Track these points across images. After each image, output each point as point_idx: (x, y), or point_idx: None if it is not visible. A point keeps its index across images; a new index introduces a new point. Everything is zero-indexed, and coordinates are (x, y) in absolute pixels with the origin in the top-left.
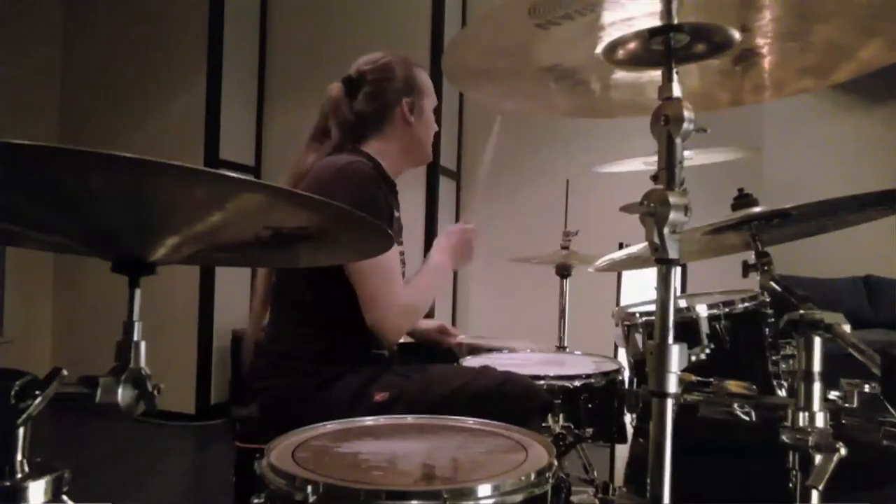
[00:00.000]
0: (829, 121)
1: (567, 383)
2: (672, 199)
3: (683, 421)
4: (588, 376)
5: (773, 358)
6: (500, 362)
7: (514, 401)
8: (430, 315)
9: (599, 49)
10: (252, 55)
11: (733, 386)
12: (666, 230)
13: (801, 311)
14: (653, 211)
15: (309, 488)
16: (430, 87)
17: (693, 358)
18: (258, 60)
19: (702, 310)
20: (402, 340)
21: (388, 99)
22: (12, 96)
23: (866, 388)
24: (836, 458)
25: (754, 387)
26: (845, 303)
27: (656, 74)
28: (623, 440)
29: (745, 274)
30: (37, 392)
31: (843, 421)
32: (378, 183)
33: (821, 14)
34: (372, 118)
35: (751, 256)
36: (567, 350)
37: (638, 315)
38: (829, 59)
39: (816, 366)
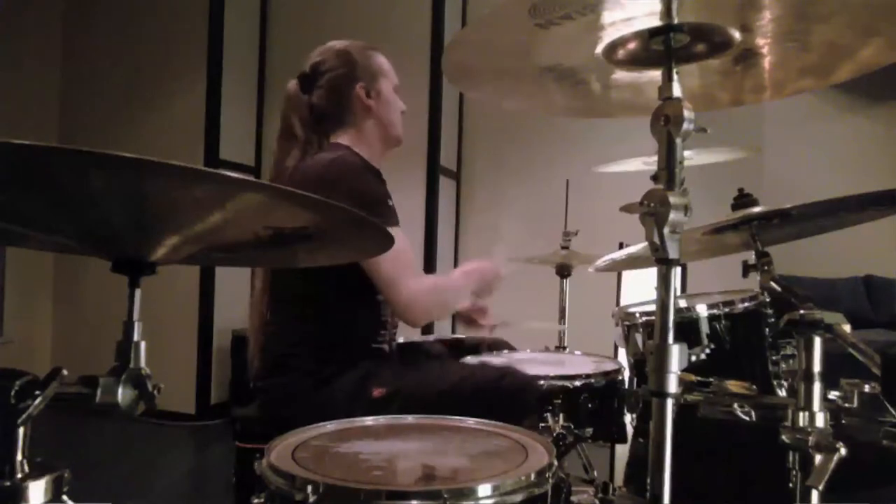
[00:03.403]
0: (829, 121)
1: (567, 383)
2: (672, 199)
3: (683, 421)
4: (588, 376)
5: (773, 358)
6: (499, 362)
7: (512, 395)
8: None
9: (599, 49)
10: (252, 55)
11: (733, 386)
12: (666, 230)
13: (801, 311)
14: (653, 211)
15: (309, 488)
16: (386, 67)
17: (693, 358)
18: (258, 60)
19: (702, 310)
20: (401, 340)
21: (342, 88)
22: (12, 96)
23: (866, 388)
24: (836, 458)
25: (754, 387)
26: (845, 303)
27: (656, 74)
28: (623, 440)
29: (745, 274)
30: (37, 392)
31: (843, 421)
32: (368, 171)
33: (821, 14)
34: (332, 111)
35: (751, 256)
36: (567, 350)
37: (638, 315)
38: (829, 59)
39: (816, 366)
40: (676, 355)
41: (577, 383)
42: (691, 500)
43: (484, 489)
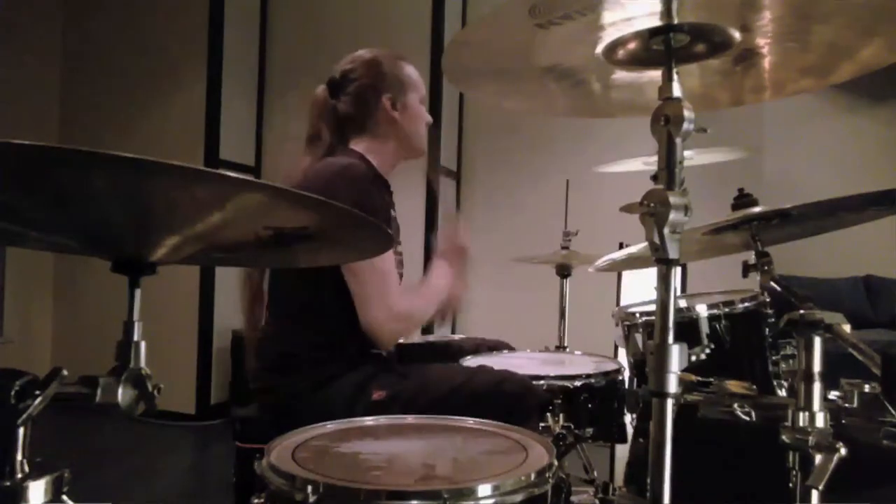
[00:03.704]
0: (829, 121)
1: (567, 383)
2: (672, 199)
3: (683, 421)
4: (588, 376)
5: (773, 358)
6: (499, 362)
7: (512, 400)
8: (429, 322)
9: (599, 49)
10: (252, 55)
11: (733, 386)
12: (666, 230)
13: (801, 311)
14: (653, 211)
15: (309, 488)
16: (415, 79)
17: (693, 358)
18: (258, 60)
19: (702, 310)
20: (400, 341)
21: (369, 97)
22: (12, 96)
23: (866, 388)
24: (836, 458)
25: (754, 387)
26: (845, 303)
27: (656, 74)
28: (623, 440)
29: (745, 274)
30: (37, 392)
31: (843, 421)
32: (375, 183)
33: (821, 14)
34: (356, 118)
35: (751, 256)
36: (567, 350)
37: (638, 315)
38: (829, 59)
39: (816, 366)
40: (676, 355)
41: (577, 383)
42: (691, 500)
43: (484, 489)
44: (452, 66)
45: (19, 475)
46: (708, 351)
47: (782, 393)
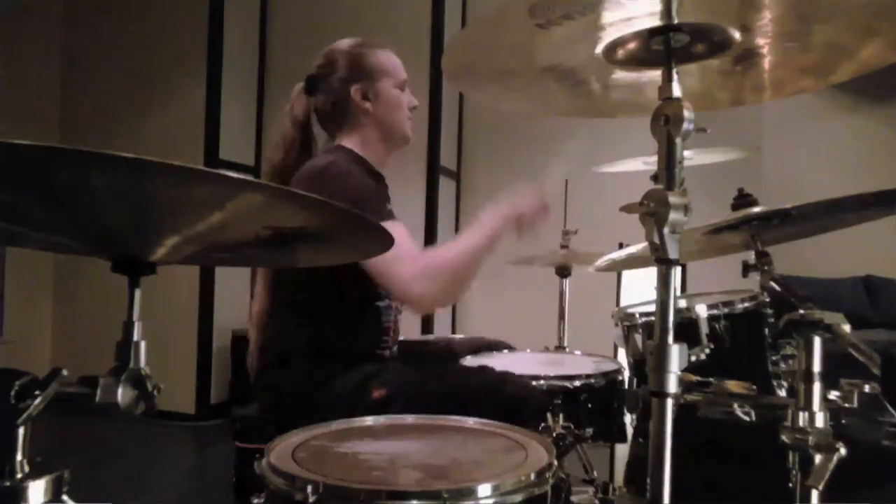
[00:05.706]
0: (829, 121)
1: (567, 383)
2: (672, 199)
3: (683, 421)
4: (588, 376)
5: (773, 358)
6: (499, 362)
7: (511, 401)
8: (430, 317)
9: (599, 49)
10: (252, 55)
11: (733, 386)
12: (666, 230)
13: (801, 311)
14: (653, 211)
15: (309, 488)
16: (387, 65)
17: (693, 358)
18: (258, 60)
19: (702, 310)
20: (400, 338)
21: (340, 92)
22: (12, 96)
23: (866, 388)
24: (836, 458)
25: (754, 387)
26: (845, 303)
27: (656, 74)
28: (623, 440)
29: (745, 274)
30: (37, 392)
31: (843, 421)
32: (357, 175)
33: (821, 14)
34: (333, 113)
35: (751, 256)
36: (567, 350)
37: (638, 315)
38: (829, 59)
39: (816, 366)
40: (676, 355)
41: (577, 383)
42: (691, 501)
43: (484, 489)
44: (452, 66)
45: (19, 475)
46: (708, 351)
47: (782, 393)
